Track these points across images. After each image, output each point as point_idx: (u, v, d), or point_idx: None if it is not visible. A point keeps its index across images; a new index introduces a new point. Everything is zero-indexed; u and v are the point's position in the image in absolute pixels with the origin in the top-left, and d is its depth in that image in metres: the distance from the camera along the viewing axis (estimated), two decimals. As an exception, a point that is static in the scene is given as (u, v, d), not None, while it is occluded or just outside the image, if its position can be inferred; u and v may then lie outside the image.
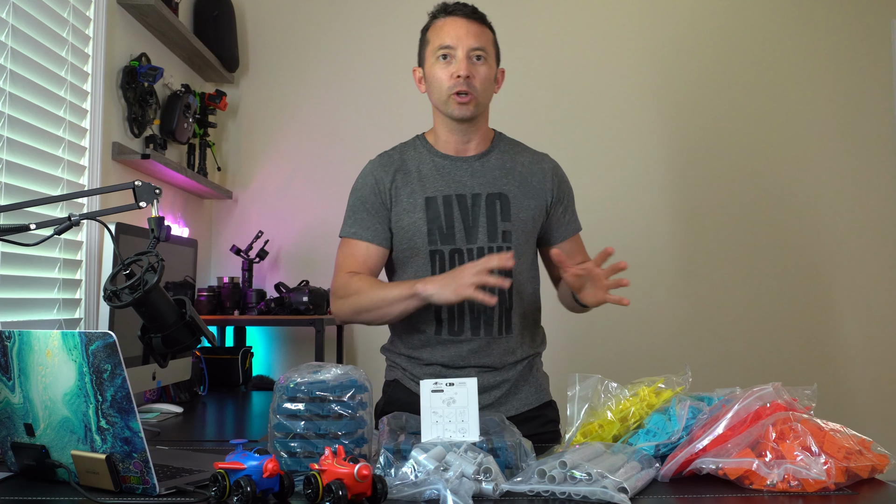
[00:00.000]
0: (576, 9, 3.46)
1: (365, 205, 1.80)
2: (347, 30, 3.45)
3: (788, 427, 1.26)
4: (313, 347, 2.90)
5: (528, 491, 1.16)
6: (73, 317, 2.14)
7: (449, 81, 1.74)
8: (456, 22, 1.75)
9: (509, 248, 1.77)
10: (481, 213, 1.78)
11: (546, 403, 1.86)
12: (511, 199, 1.79)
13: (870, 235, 3.40)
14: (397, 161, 1.83)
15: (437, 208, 1.77)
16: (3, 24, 1.85)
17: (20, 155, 1.92)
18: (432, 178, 1.80)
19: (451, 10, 1.78)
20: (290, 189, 3.40)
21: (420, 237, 1.77)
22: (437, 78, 1.76)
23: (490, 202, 1.78)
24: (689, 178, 3.41)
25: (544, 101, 3.40)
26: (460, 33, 1.74)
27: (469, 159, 1.82)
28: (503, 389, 1.79)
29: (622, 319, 3.33)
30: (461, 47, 1.73)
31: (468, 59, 1.73)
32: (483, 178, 1.80)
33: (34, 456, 1.25)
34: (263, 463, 1.10)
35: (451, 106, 1.75)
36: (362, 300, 1.72)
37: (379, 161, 1.85)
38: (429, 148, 1.84)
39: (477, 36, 1.75)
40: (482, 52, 1.75)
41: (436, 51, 1.76)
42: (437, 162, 1.81)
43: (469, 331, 1.77)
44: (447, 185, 1.79)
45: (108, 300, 1.30)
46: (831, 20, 3.46)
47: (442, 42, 1.75)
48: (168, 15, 2.61)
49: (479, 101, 1.76)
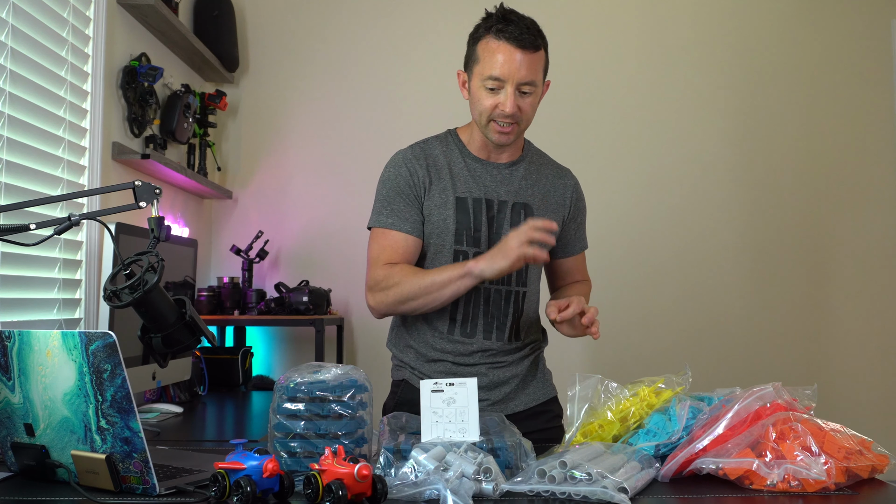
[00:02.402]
0: (581, 11, 3.46)
1: (401, 195, 1.76)
2: (347, 30, 3.44)
3: (788, 427, 1.26)
4: (313, 347, 2.90)
5: (528, 491, 1.16)
6: (73, 317, 2.14)
7: (492, 111, 1.69)
8: (509, 52, 1.64)
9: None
10: (506, 221, 1.78)
11: (552, 399, 1.88)
12: (535, 211, 1.80)
13: (869, 235, 3.40)
14: (430, 155, 1.80)
15: (468, 209, 1.76)
16: (3, 24, 1.85)
17: (20, 155, 1.92)
18: (464, 178, 1.78)
19: (505, 33, 1.65)
20: (290, 189, 3.40)
21: (447, 235, 1.76)
22: (481, 102, 1.70)
23: (516, 211, 1.79)
24: (688, 178, 3.41)
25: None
26: (512, 67, 1.64)
27: (500, 166, 1.80)
28: (512, 385, 1.80)
29: (623, 319, 3.34)
30: (511, 82, 1.65)
31: (516, 93, 1.66)
32: (510, 187, 1.80)
33: (34, 456, 1.25)
34: (263, 463, 1.10)
35: (491, 133, 1.72)
36: (409, 288, 1.68)
37: (412, 152, 1.80)
38: (461, 148, 1.82)
39: (529, 67, 1.65)
40: (531, 85, 1.67)
41: (484, 77, 1.67)
42: (469, 164, 1.80)
43: (481, 334, 1.77)
44: (478, 188, 1.78)
45: (108, 300, 1.30)
46: (831, 20, 3.46)
47: (491, 72, 1.66)
48: (168, 15, 2.61)
49: (521, 129, 1.74)
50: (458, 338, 1.77)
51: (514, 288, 1.79)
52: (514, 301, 1.79)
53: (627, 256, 3.39)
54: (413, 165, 1.77)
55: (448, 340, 1.78)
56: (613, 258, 3.34)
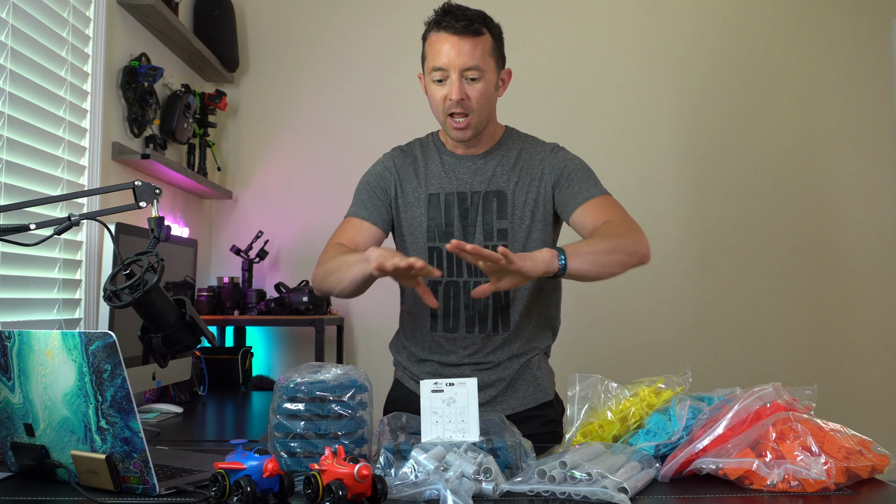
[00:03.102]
0: (580, 8, 3.46)
1: (367, 188, 1.83)
2: (347, 30, 3.45)
3: (788, 427, 1.26)
4: (313, 347, 2.91)
5: (528, 491, 1.16)
6: (73, 317, 2.14)
7: (443, 103, 1.70)
8: (447, 40, 1.67)
9: (505, 246, 1.73)
10: (478, 211, 1.78)
11: (546, 403, 1.82)
12: (508, 196, 1.77)
13: (869, 235, 3.40)
14: (410, 156, 1.85)
15: (439, 206, 1.79)
16: (3, 24, 1.85)
17: (20, 155, 1.92)
18: (438, 175, 1.81)
19: (442, 24, 1.68)
20: (290, 189, 3.40)
21: (420, 233, 1.79)
22: (433, 97, 1.73)
23: (487, 199, 1.78)
24: (688, 179, 3.41)
25: (550, 99, 3.40)
26: (451, 55, 1.66)
27: (474, 158, 1.82)
28: (498, 388, 1.78)
29: (623, 319, 3.34)
30: (453, 69, 1.67)
31: (461, 81, 1.67)
32: (484, 176, 1.80)
33: (34, 456, 1.25)
34: (263, 463, 1.10)
35: (448, 128, 1.74)
36: (329, 264, 1.71)
37: (392, 154, 1.87)
38: (439, 146, 1.85)
39: (469, 53, 1.66)
40: (476, 70, 1.67)
41: (430, 71, 1.71)
42: (444, 160, 1.82)
43: (464, 328, 1.77)
44: (450, 182, 1.80)
45: (108, 300, 1.30)
46: (831, 20, 3.46)
47: (435, 63, 1.69)
48: (168, 15, 2.61)
49: (476, 121, 1.72)
50: (442, 333, 1.78)
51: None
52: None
53: (627, 256, 3.38)
54: (388, 164, 1.84)
55: (434, 339, 1.79)
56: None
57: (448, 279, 1.77)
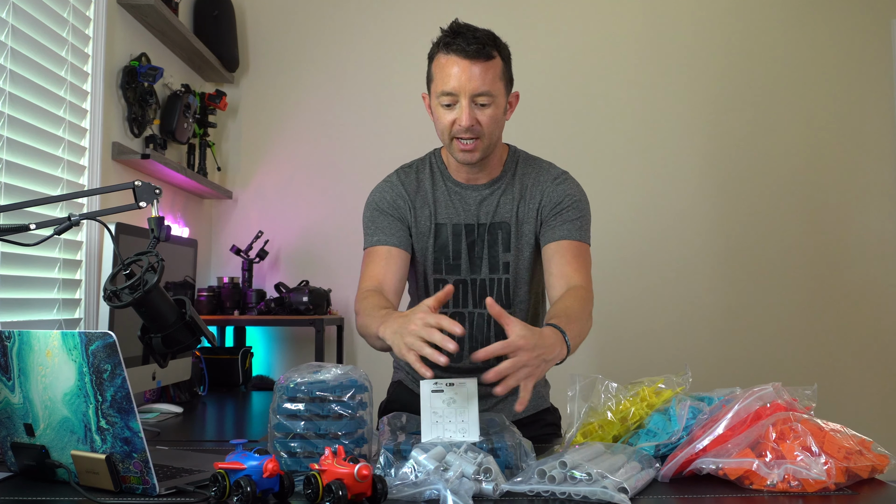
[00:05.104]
0: (584, 16, 3.46)
1: (384, 214, 1.74)
2: (347, 30, 3.44)
3: (788, 427, 1.26)
4: (313, 347, 2.91)
5: (528, 491, 1.16)
6: (73, 317, 2.14)
7: (451, 127, 1.64)
8: (457, 63, 1.60)
9: (507, 280, 1.75)
10: (485, 244, 1.74)
11: (545, 409, 1.85)
12: (511, 228, 1.74)
13: (870, 235, 3.40)
14: (414, 181, 1.77)
15: (446, 237, 1.74)
16: (3, 24, 1.85)
17: (20, 155, 1.92)
18: (444, 204, 1.75)
19: (452, 46, 1.61)
20: (290, 189, 3.40)
21: (427, 264, 1.75)
22: (440, 120, 1.66)
23: (493, 233, 1.74)
24: (688, 179, 3.41)
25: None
26: (462, 79, 1.59)
27: (479, 188, 1.75)
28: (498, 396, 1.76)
29: (623, 320, 3.34)
30: (463, 94, 1.60)
31: (471, 106, 1.61)
32: (489, 207, 1.75)
33: (34, 456, 1.25)
34: (263, 463, 1.10)
35: (455, 151, 1.67)
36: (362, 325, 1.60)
37: (397, 177, 1.79)
38: (443, 171, 1.78)
39: (481, 78, 1.59)
40: (486, 95, 1.61)
41: (438, 94, 1.63)
42: (450, 188, 1.76)
43: (467, 359, 1.66)
44: (457, 213, 1.75)
45: (108, 300, 1.30)
46: (831, 20, 3.46)
47: (444, 88, 1.61)
48: (168, 15, 2.61)
49: (485, 145, 1.66)
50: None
51: None
52: (495, 324, 1.73)
53: (628, 257, 3.39)
54: (399, 189, 1.76)
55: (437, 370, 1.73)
56: (614, 259, 3.34)
57: (454, 310, 1.76)
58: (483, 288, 1.74)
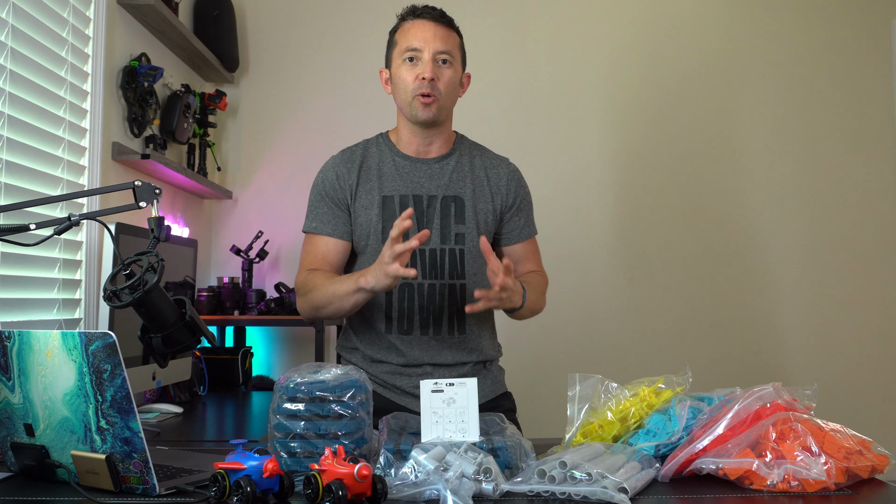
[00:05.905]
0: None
1: (325, 199, 1.83)
2: (347, 30, 3.44)
3: (788, 427, 1.26)
4: (313, 347, 2.91)
5: (528, 491, 1.16)
6: (73, 317, 2.14)
7: (414, 83, 1.75)
8: (423, 25, 1.77)
9: (461, 250, 1.80)
10: (435, 216, 1.80)
11: (502, 395, 1.89)
12: (466, 202, 1.82)
13: (869, 235, 3.40)
14: (359, 157, 1.85)
15: (394, 208, 1.79)
16: (3, 24, 1.85)
17: (20, 155, 1.92)
18: (391, 177, 1.82)
19: (419, 12, 1.79)
20: (290, 189, 3.40)
21: (375, 235, 1.79)
22: (402, 79, 1.77)
23: (445, 205, 1.81)
24: (687, 179, 3.41)
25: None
26: (427, 36, 1.75)
27: (429, 161, 1.84)
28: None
29: (622, 319, 3.34)
30: (427, 50, 1.75)
31: (434, 62, 1.75)
32: (440, 181, 1.82)
33: (34, 456, 1.25)
34: (263, 463, 1.10)
35: (415, 107, 1.77)
36: (318, 296, 1.72)
37: (341, 157, 1.87)
38: (391, 147, 1.86)
39: (444, 39, 1.76)
40: (448, 55, 1.76)
41: (402, 52, 1.77)
42: (397, 162, 1.84)
43: (418, 329, 1.79)
44: (405, 185, 1.81)
45: (108, 300, 1.30)
46: (831, 20, 3.46)
47: (409, 44, 1.76)
48: (168, 15, 2.61)
49: (442, 104, 1.77)
50: (396, 335, 1.78)
51: (449, 281, 1.79)
52: (449, 294, 1.79)
53: (628, 257, 3.39)
54: (341, 169, 1.83)
55: (389, 341, 1.79)
56: (614, 258, 3.34)
57: (403, 281, 1.78)
58: (434, 258, 1.79)
